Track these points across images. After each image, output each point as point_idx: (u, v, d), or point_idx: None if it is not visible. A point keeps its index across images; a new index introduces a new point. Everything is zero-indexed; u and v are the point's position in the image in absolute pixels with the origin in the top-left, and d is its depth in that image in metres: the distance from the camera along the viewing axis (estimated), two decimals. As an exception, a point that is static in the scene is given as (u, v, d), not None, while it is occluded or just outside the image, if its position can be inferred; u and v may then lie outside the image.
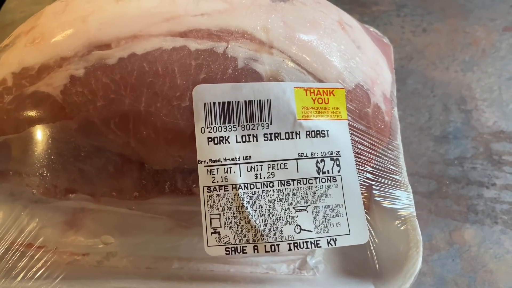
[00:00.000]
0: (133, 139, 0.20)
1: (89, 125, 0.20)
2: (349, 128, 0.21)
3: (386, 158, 0.22)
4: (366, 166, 0.21)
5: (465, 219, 0.25)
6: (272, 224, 0.19)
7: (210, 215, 0.19)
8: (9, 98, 0.20)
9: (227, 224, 0.19)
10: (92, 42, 0.19)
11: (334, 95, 0.21)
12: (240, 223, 0.19)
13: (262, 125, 0.20)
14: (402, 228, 0.21)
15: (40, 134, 0.21)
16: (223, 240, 0.19)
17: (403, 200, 0.21)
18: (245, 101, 0.20)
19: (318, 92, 0.21)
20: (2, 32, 0.37)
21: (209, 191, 0.19)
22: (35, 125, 0.20)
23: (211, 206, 0.19)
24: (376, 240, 0.20)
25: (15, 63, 0.20)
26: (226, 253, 0.19)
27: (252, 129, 0.20)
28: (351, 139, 0.21)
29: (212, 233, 0.19)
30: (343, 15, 0.24)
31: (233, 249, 0.19)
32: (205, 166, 0.19)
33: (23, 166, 0.22)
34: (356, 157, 0.21)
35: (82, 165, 0.22)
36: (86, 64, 0.19)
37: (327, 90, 0.21)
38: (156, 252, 0.24)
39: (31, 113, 0.20)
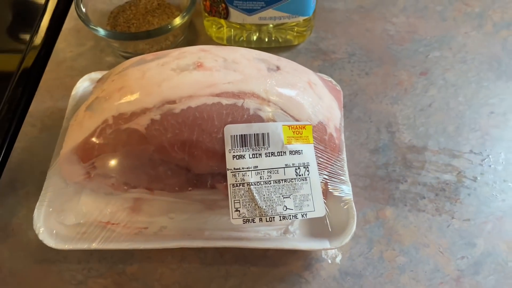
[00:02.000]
0: (187, 156, 0.34)
1: (161, 148, 0.33)
2: (314, 148, 0.35)
3: (336, 166, 0.36)
4: (324, 171, 0.36)
5: (386, 202, 0.40)
6: (270, 206, 0.33)
7: (234, 200, 0.33)
8: (110, 131, 0.33)
9: (244, 205, 0.33)
10: (164, 99, 0.33)
11: (305, 129, 0.35)
12: (251, 205, 0.33)
13: (264, 147, 0.34)
14: (345, 207, 0.35)
15: (126, 153, 0.34)
16: (241, 215, 0.33)
17: (346, 191, 0.36)
18: (254, 134, 0.33)
19: (296, 127, 0.35)
20: (58, 67, 0.49)
21: (233, 186, 0.33)
22: (126, 148, 0.33)
23: (234, 195, 0.33)
24: (330, 215, 0.35)
25: (114, 110, 0.33)
26: (243, 223, 0.33)
27: (258, 150, 0.34)
28: (315, 155, 0.35)
29: (235, 211, 0.33)
30: (311, 76, 0.38)
31: (247, 220, 0.33)
32: (231, 172, 0.33)
33: (108, 172, 0.35)
34: (318, 165, 0.35)
35: (151, 170, 0.35)
36: (161, 112, 0.33)
37: (301, 126, 0.35)
38: (193, 225, 0.37)
39: (125, 140, 0.33)
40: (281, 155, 0.34)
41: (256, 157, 0.33)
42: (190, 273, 0.37)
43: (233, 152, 0.33)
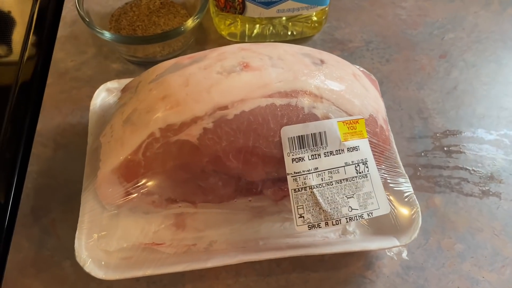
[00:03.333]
0: (242, 164, 0.31)
1: (216, 158, 0.30)
2: (369, 143, 0.34)
3: (391, 159, 0.35)
4: (380, 165, 0.34)
5: (433, 190, 0.39)
6: (335, 208, 0.31)
7: (297, 206, 0.31)
8: (157, 145, 0.30)
9: (308, 211, 0.31)
10: (216, 106, 0.30)
11: (358, 123, 0.33)
12: (315, 209, 0.31)
13: (322, 147, 0.32)
14: (406, 200, 0.34)
15: (176, 167, 0.31)
16: (306, 221, 0.31)
17: (404, 184, 0.34)
18: (311, 134, 0.31)
19: (350, 123, 0.33)
20: (60, 78, 0.45)
21: (295, 192, 0.31)
22: (177, 161, 0.31)
23: (297, 201, 0.31)
24: (394, 210, 0.33)
25: (160, 122, 0.30)
26: (308, 229, 0.31)
27: (316, 150, 0.32)
28: (371, 149, 0.34)
29: (299, 217, 0.31)
30: (353, 68, 0.36)
31: (312, 226, 0.31)
32: (291, 176, 0.31)
33: (153, 189, 0.32)
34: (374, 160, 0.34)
35: (201, 183, 0.32)
36: (213, 120, 0.30)
37: (355, 121, 0.33)
38: (245, 236, 0.35)
39: (176, 153, 0.30)
40: (340, 154, 0.32)
41: (316, 158, 0.32)
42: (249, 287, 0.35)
43: (292, 155, 0.31)
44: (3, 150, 0.40)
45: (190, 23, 0.43)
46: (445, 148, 0.42)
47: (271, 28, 0.47)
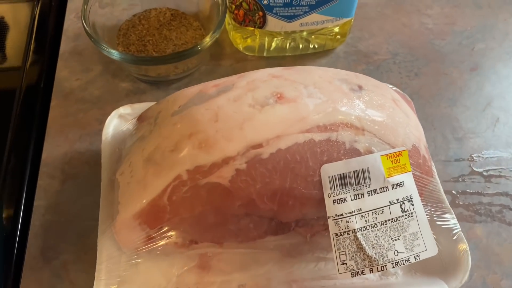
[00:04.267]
0: (277, 206, 0.28)
1: (249, 201, 0.27)
2: (412, 177, 0.31)
3: (435, 192, 0.32)
4: (426, 201, 0.31)
5: (474, 220, 0.37)
6: (380, 252, 0.29)
7: (339, 252, 0.28)
8: (185, 189, 0.27)
9: (351, 256, 0.28)
10: (249, 144, 0.27)
11: (402, 156, 0.31)
12: (359, 255, 0.28)
13: (365, 185, 0.29)
14: (454, 238, 0.31)
15: (206, 212, 0.28)
16: (349, 268, 0.28)
17: (451, 220, 0.32)
18: (354, 171, 0.28)
19: (394, 156, 0.30)
20: (65, 100, 0.41)
21: (337, 236, 0.28)
22: (206, 206, 0.27)
23: (339, 246, 0.28)
24: (441, 249, 0.30)
25: (187, 163, 0.27)
26: (351, 276, 0.28)
27: (360, 189, 0.29)
28: (415, 184, 0.31)
29: (341, 264, 0.28)
30: (392, 92, 0.33)
31: (356, 273, 0.28)
32: (333, 220, 0.28)
33: (179, 234, 0.29)
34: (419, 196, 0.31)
35: (232, 226, 0.29)
36: (246, 159, 0.27)
37: (398, 153, 0.30)
38: (277, 278, 0.32)
39: (205, 198, 0.27)
40: (384, 191, 0.29)
41: (359, 198, 0.29)
42: (283, 335, 0.32)
43: (333, 196, 0.28)
44: (6, 183, 0.37)
45: (207, 41, 0.39)
46: (484, 172, 0.39)
47: (291, 41, 0.44)
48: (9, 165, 0.37)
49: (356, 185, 0.29)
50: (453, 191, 0.38)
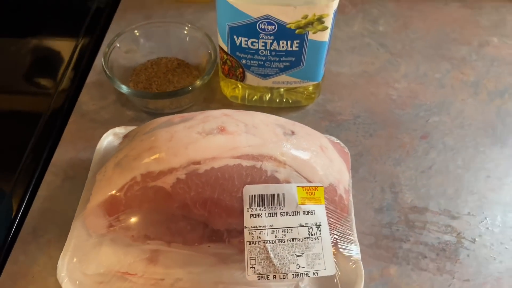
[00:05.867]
0: (207, 213, 0.36)
1: (184, 205, 0.35)
2: (325, 209, 0.38)
3: (346, 226, 0.39)
4: (334, 231, 0.38)
5: (390, 261, 0.42)
6: (284, 264, 0.35)
7: (250, 257, 0.35)
8: (137, 188, 0.36)
9: (259, 263, 0.35)
10: (190, 160, 0.35)
11: (317, 190, 0.38)
12: (266, 263, 0.35)
13: (279, 207, 0.36)
14: (353, 266, 0.37)
15: (151, 208, 0.36)
16: (256, 272, 0.35)
17: (354, 251, 0.38)
18: (271, 194, 0.36)
19: (309, 189, 0.37)
20: (81, 118, 0.52)
21: (249, 244, 0.35)
22: (151, 204, 0.36)
23: (250, 252, 0.35)
24: (339, 273, 0.37)
25: (142, 169, 0.36)
26: (257, 279, 0.35)
27: (274, 209, 0.36)
28: (326, 215, 0.38)
29: (250, 267, 0.35)
30: (322, 140, 0.41)
31: (262, 277, 0.35)
32: (248, 230, 0.36)
33: (131, 225, 0.38)
34: (329, 225, 0.37)
35: (172, 225, 0.37)
36: (186, 172, 0.35)
37: (314, 187, 0.38)
38: (208, 278, 0.39)
39: (152, 196, 0.35)
40: (295, 215, 0.36)
41: (272, 216, 0.36)
42: (204, 326, 0.38)
43: (251, 211, 0.36)
44: (20, 176, 0.47)
45: (197, 84, 0.49)
46: (410, 223, 0.45)
47: (269, 94, 0.53)
48: (26, 163, 0.48)
49: (271, 205, 0.36)
50: (379, 235, 0.44)
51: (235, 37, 0.46)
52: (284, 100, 0.53)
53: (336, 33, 0.63)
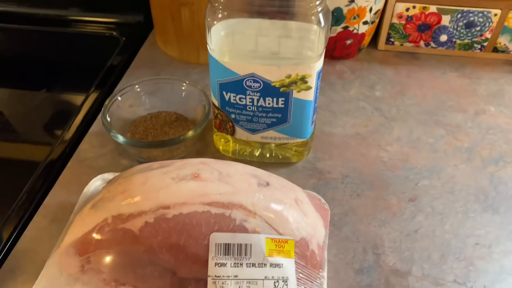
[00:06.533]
0: (173, 259, 0.36)
1: (151, 249, 0.36)
2: (295, 264, 0.37)
3: (315, 283, 0.38)
4: (302, 286, 0.37)
5: (366, 326, 0.40)
6: (246, 316, 0.35)
7: (212, 307, 0.35)
8: (108, 229, 0.37)
9: (221, 313, 0.35)
10: (159, 204, 0.36)
11: (287, 243, 0.38)
12: (228, 314, 0.35)
13: (246, 258, 0.36)
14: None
15: (119, 251, 0.37)
16: (217, 323, 0.34)
17: (322, 309, 0.37)
18: (238, 244, 0.36)
19: (278, 241, 0.37)
20: (79, 165, 0.54)
21: (212, 293, 0.35)
22: (120, 246, 0.36)
23: (213, 302, 0.35)
24: (304, 331, 0.35)
25: (114, 210, 0.37)
26: (218, 331, 0.34)
27: (240, 260, 0.36)
28: (295, 270, 0.37)
29: (211, 318, 0.35)
30: (298, 193, 0.41)
31: (222, 328, 0.34)
32: (211, 279, 0.35)
33: (101, 267, 0.38)
34: (297, 280, 0.37)
35: (140, 269, 0.37)
36: (155, 216, 0.36)
37: (283, 240, 0.37)
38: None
39: (120, 239, 0.36)
40: (262, 267, 0.36)
41: (237, 267, 0.36)
42: None
43: (216, 259, 0.36)
44: (12, 216, 0.48)
45: (188, 134, 0.51)
46: (390, 287, 0.43)
47: (260, 149, 0.54)
48: (19, 203, 0.50)
49: (237, 255, 0.36)
50: (357, 297, 0.42)
51: (224, 92, 0.48)
52: (274, 155, 0.54)
53: (332, 96, 0.65)
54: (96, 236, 0.37)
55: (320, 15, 0.42)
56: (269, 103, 0.48)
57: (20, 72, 0.72)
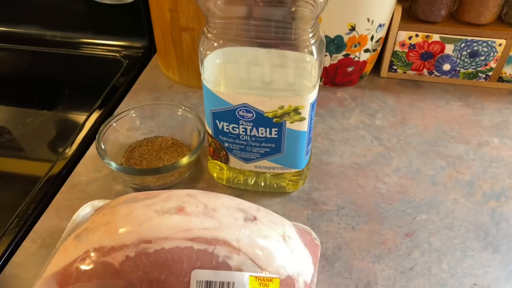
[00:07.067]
0: (154, 295, 0.35)
1: (131, 284, 0.35)
2: (279, 303, 0.36)
3: (300, 324, 0.37)
4: (286, 328, 0.36)
5: None
6: None
7: None
8: (88, 262, 0.36)
9: None
10: (141, 238, 0.36)
11: (272, 282, 0.36)
12: None
13: (228, 296, 0.35)
14: None
15: (98, 285, 0.36)
16: None
17: None
18: (220, 282, 0.35)
19: (263, 279, 0.36)
20: (72, 189, 0.54)
21: (192, 332, 0.34)
22: (99, 280, 0.36)
23: None
24: None
25: (96, 242, 0.36)
26: None
27: (221, 298, 0.35)
28: (279, 309, 0.36)
29: None
30: (287, 229, 0.40)
31: None
32: (192, 317, 0.34)
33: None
34: (281, 321, 0.35)
35: (120, 305, 0.37)
36: (136, 250, 0.35)
37: (268, 278, 0.36)
38: None
39: (101, 272, 0.35)
40: (244, 306, 0.35)
41: (219, 306, 0.35)
42: None
43: (197, 297, 0.35)
44: (2, 241, 0.48)
45: (183, 161, 0.51)
46: (381, 328, 0.41)
47: (254, 178, 0.53)
48: (9, 227, 0.50)
49: (219, 293, 0.35)
50: (346, 338, 0.41)
51: (217, 121, 0.48)
52: (268, 184, 0.53)
53: (332, 124, 0.64)
54: (77, 268, 0.36)
55: (313, 47, 0.42)
56: (262, 133, 0.47)
57: (28, 90, 0.74)
